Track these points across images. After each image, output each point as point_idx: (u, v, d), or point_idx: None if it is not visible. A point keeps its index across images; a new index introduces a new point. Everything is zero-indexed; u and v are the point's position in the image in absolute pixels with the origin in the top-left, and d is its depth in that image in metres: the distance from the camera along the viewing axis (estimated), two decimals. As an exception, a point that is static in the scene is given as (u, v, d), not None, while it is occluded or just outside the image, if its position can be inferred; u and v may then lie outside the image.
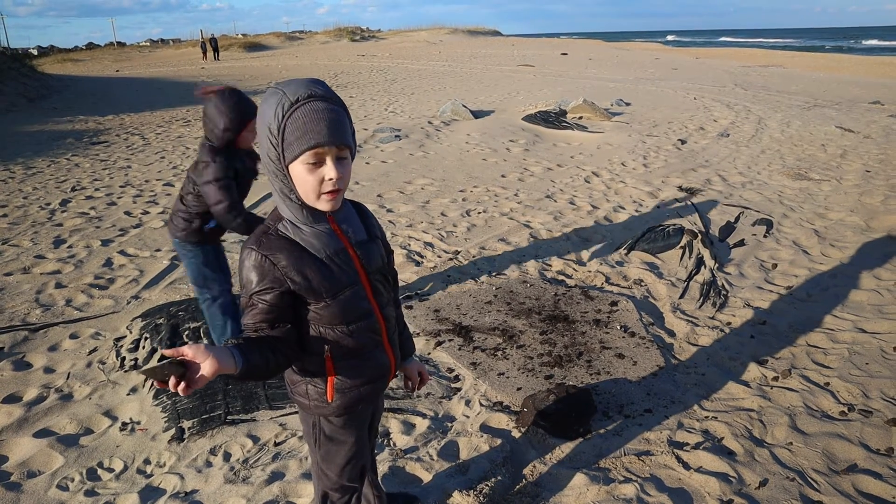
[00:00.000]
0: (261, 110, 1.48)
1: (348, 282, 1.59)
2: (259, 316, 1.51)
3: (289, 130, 1.43)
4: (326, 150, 1.45)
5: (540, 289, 4.40)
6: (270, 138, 1.45)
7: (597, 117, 11.63)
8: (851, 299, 4.22)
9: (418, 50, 42.59)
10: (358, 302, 1.62)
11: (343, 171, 1.49)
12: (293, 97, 1.43)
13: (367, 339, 1.66)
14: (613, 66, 27.44)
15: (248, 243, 1.53)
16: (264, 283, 1.50)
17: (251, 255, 1.50)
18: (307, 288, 1.53)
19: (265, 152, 1.49)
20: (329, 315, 1.58)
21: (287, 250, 1.51)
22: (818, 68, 26.12)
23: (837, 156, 8.58)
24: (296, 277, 1.51)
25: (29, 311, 4.19)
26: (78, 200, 6.90)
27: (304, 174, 1.46)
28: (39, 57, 45.16)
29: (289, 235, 1.54)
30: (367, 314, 1.64)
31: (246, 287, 1.52)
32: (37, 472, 2.70)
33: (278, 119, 1.43)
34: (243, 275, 1.53)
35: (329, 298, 1.56)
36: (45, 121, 13.06)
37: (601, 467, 2.64)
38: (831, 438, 2.75)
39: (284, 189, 1.51)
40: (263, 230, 1.55)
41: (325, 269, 1.55)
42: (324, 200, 1.50)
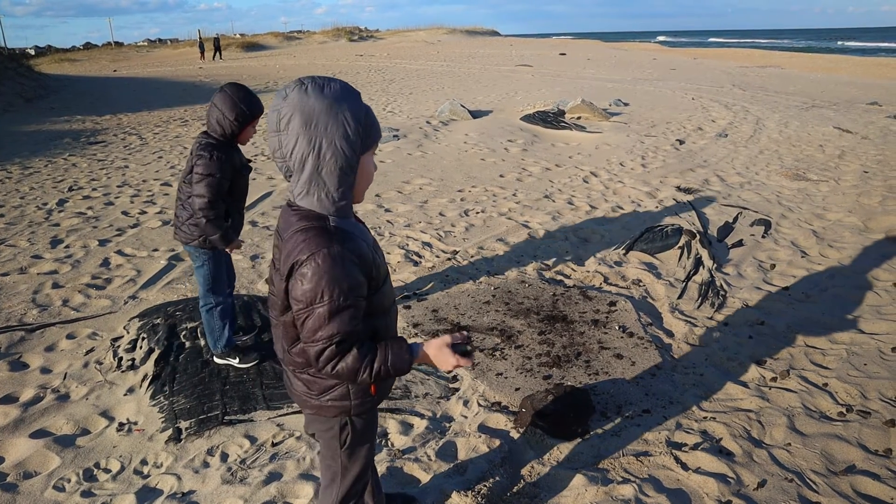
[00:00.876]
0: (325, 103, 1.41)
1: (386, 270, 1.65)
2: (355, 319, 1.47)
3: (369, 122, 1.48)
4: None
5: (538, 289, 4.40)
6: (359, 128, 1.44)
7: (595, 117, 11.63)
8: (849, 300, 4.22)
9: (416, 50, 42.58)
10: (392, 289, 1.69)
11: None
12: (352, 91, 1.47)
13: (395, 324, 1.72)
14: (611, 66, 27.46)
15: (321, 244, 1.41)
16: (357, 278, 1.45)
17: (335, 253, 1.41)
18: (374, 277, 1.53)
19: (342, 144, 1.42)
20: (378, 304, 1.59)
21: (355, 242, 1.48)
22: (816, 69, 26.16)
23: (835, 156, 8.59)
24: (368, 267, 1.50)
25: (26, 312, 4.17)
26: (75, 200, 6.88)
27: (369, 164, 1.53)
28: (37, 57, 45.05)
29: (346, 229, 1.49)
30: (394, 302, 1.72)
31: (330, 290, 1.41)
32: (33, 472, 2.69)
33: (364, 110, 1.46)
34: (323, 280, 1.40)
35: (380, 286, 1.59)
36: (42, 121, 13.03)
37: (599, 468, 2.63)
38: (830, 439, 2.75)
39: (351, 181, 1.49)
40: (322, 229, 1.45)
41: (378, 258, 1.58)
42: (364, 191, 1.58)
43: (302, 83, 1.43)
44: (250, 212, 6.31)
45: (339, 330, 1.45)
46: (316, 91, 1.41)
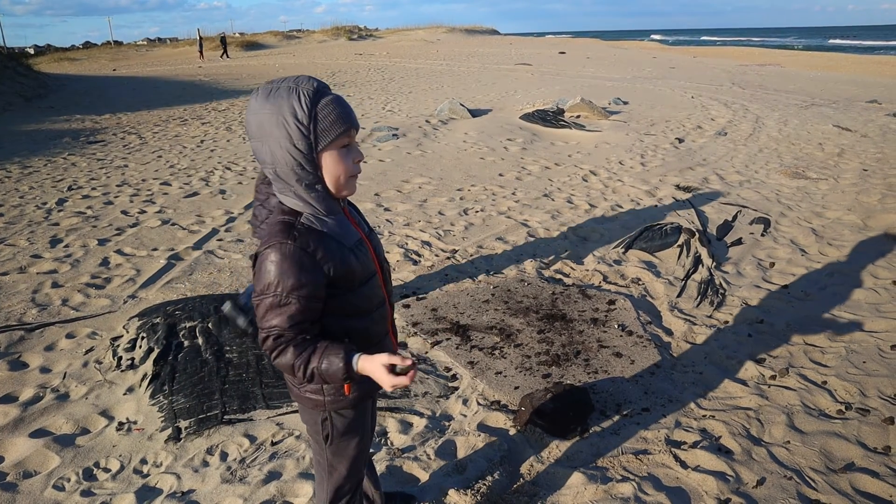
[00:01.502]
0: (267, 109, 1.45)
1: (371, 271, 1.63)
2: (296, 316, 1.48)
3: (321, 116, 1.46)
4: (353, 133, 1.52)
5: (537, 287, 4.40)
6: (299, 127, 1.44)
7: (594, 116, 11.62)
8: (849, 298, 4.22)
9: (416, 49, 42.56)
10: (376, 290, 1.66)
11: (362, 155, 1.57)
12: (310, 88, 1.46)
13: (381, 328, 1.71)
14: (611, 64, 27.45)
15: (277, 239, 1.47)
16: (304, 276, 1.46)
17: (286, 249, 1.45)
18: (342, 277, 1.53)
19: (286, 145, 1.46)
20: (353, 305, 1.60)
21: (321, 241, 1.50)
22: (815, 67, 26.16)
23: (835, 155, 8.59)
24: (331, 266, 1.50)
25: (25, 311, 4.17)
26: (74, 200, 6.88)
27: (337, 158, 1.50)
28: (36, 56, 45.04)
29: (317, 227, 1.52)
30: (382, 302, 1.69)
31: (276, 284, 1.46)
32: (33, 472, 2.69)
33: (306, 108, 1.44)
34: (271, 272, 1.46)
35: (355, 287, 1.58)
36: (41, 120, 13.03)
37: (599, 466, 2.63)
38: (829, 437, 2.75)
39: (310, 180, 1.50)
40: (288, 224, 1.50)
41: (352, 257, 1.56)
42: (350, 185, 1.55)
43: (255, 91, 1.50)
44: (249, 211, 6.31)
45: (277, 324, 1.48)
46: (262, 98, 1.47)
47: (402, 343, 3.71)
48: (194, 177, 7.81)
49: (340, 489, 1.89)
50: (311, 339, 1.53)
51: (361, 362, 1.50)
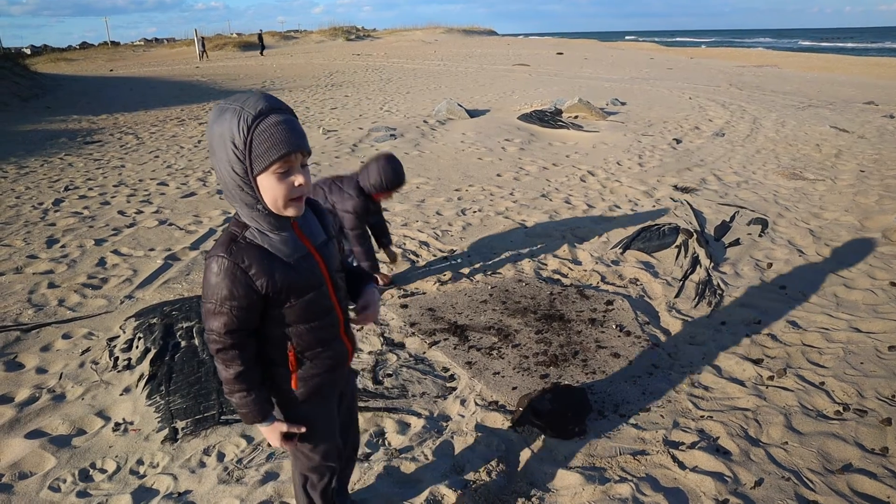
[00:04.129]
0: (216, 128, 1.50)
1: (315, 284, 1.68)
2: (231, 323, 1.59)
3: (256, 143, 1.47)
4: (294, 158, 1.52)
5: (535, 288, 4.39)
6: (235, 153, 1.48)
7: (592, 116, 11.63)
8: (846, 299, 4.22)
9: (414, 49, 42.55)
10: (321, 301, 1.71)
11: (308, 177, 1.58)
12: (254, 111, 1.47)
13: (328, 334, 1.76)
14: (609, 65, 27.48)
15: (217, 252, 1.57)
16: (236, 290, 1.56)
17: (221, 263, 1.55)
18: (276, 291, 1.60)
19: (227, 166, 1.51)
20: (294, 315, 1.67)
21: (257, 257, 1.57)
22: (812, 69, 26.22)
23: (832, 156, 8.60)
24: (266, 282, 1.58)
25: (21, 311, 4.16)
26: (71, 200, 6.86)
27: (273, 183, 1.52)
28: (33, 56, 44.98)
29: (257, 242, 1.59)
30: (329, 311, 1.75)
31: (216, 294, 1.57)
32: (28, 473, 2.67)
33: (243, 133, 1.46)
34: (211, 282, 1.57)
35: (295, 300, 1.65)
36: (38, 120, 12.99)
37: (596, 467, 2.63)
38: (826, 438, 2.75)
39: (249, 201, 1.55)
40: (231, 238, 1.59)
41: (293, 272, 1.62)
42: (292, 207, 1.57)
43: (214, 106, 1.54)
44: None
45: (214, 328, 1.60)
46: (213, 117, 1.52)
47: (399, 344, 3.70)
48: (191, 177, 7.79)
49: (308, 478, 2.00)
50: (250, 363, 1.66)
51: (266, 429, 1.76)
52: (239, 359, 1.64)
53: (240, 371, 1.65)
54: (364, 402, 3.10)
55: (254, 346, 1.68)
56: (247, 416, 1.71)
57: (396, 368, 3.41)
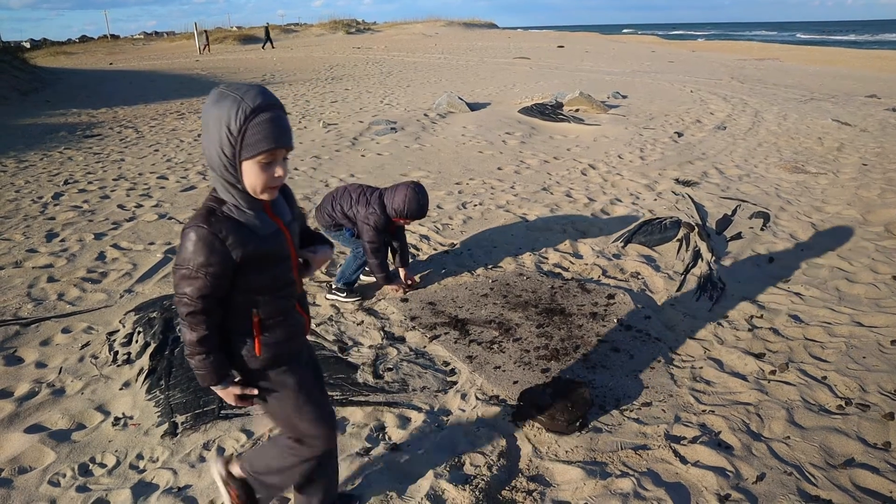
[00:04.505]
0: (213, 111, 1.64)
1: (282, 256, 1.85)
2: (205, 288, 1.72)
3: (249, 133, 1.63)
4: (279, 153, 1.69)
5: (536, 282, 4.38)
6: (228, 137, 1.63)
7: (593, 110, 11.59)
8: (848, 293, 4.21)
9: (414, 42, 42.42)
10: (286, 273, 1.88)
11: (286, 171, 1.74)
12: (253, 103, 1.62)
13: (288, 304, 1.93)
14: (610, 58, 27.39)
15: (196, 221, 1.71)
16: (213, 257, 1.70)
17: (201, 232, 1.69)
18: (248, 261, 1.75)
19: (217, 147, 1.65)
20: (262, 283, 1.82)
21: (233, 228, 1.72)
22: (814, 62, 26.12)
23: (834, 149, 8.57)
24: (240, 252, 1.72)
25: (21, 306, 4.14)
26: (71, 194, 6.84)
27: (256, 171, 1.68)
28: (32, 50, 44.88)
29: (234, 216, 1.74)
30: (291, 283, 1.91)
31: (190, 260, 1.70)
32: (28, 467, 2.67)
33: (239, 122, 1.62)
34: (188, 249, 1.70)
35: (264, 269, 1.81)
36: (37, 114, 12.96)
37: (598, 461, 2.62)
38: (829, 433, 2.74)
39: (231, 180, 1.70)
40: (210, 210, 1.73)
41: (265, 244, 1.78)
42: (268, 193, 1.74)
43: (214, 90, 1.68)
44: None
45: (188, 292, 1.73)
46: (213, 100, 1.66)
47: (400, 338, 3.69)
48: (191, 171, 7.77)
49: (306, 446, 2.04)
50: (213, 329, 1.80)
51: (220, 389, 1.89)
52: (205, 323, 1.77)
53: (204, 335, 1.78)
54: (364, 396, 3.09)
55: (220, 315, 1.81)
56: (204, 377, 1.84)
57: (397, 362, 3.39)
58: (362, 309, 4.05)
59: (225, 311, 1.83)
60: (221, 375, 1.86)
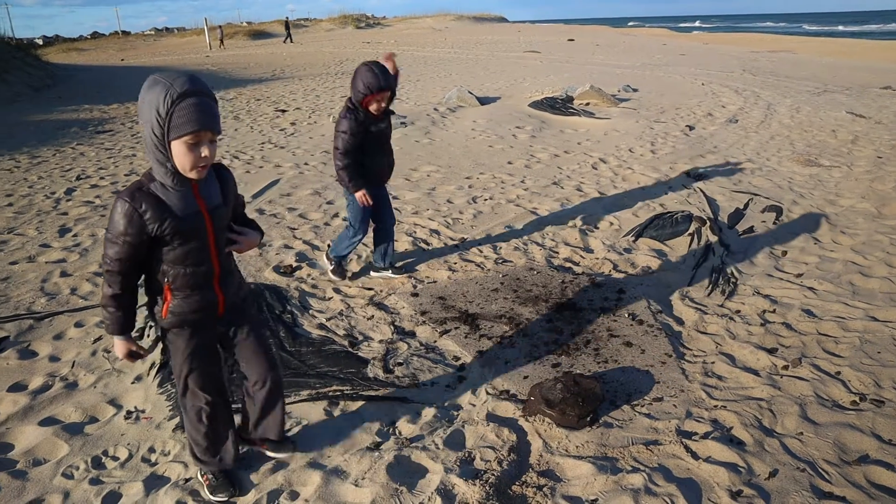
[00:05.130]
0: (147, 95, 1.85)
1: (196, 236, 2.04)
2: (121, 253, 1.97)
3: (176, 115, 1.83)
4: (203, 134, 1.88)
5: (547, 276, 4.36)
6: (158, 118, 1.84)
7: (604, 103, 11.53)
8: (862, 287, 4.16)
9: (424, 37, 42.34)
10: (200, 252, 2.07)
11: (213, 151, 1.94)
12: (181, 89, 1.82)
13: (201, 280, 2.12)
14: (620, 52, 27.21)
15: (123, 195, 1.93)
16: (130, 228, 1.93)
17: (124, 205, 1.91)
18: (161, 235, 1.97)
19: (149, 128, 1.86)
20: (174, 257, 2.04)
21: (153, 205, 1.93)
22: (828, 53, 25.83)
23: (848, 142, 8.48)
24: (155, 227, 1.94)
25: (34, 300, 4.18)
26: (83, 189, 6.89)
27: (183, 151, 1.88)
28: (45, 46, 45.19)
29: (157, 194, 1.95)
30: (205, 261, 2.10)
31: (114, 228, 1.94)
32: (42, 459, 2.69)
33: (167, 105, 1.82)
34: (114, 218, 1.94)
35: (178, 245, 2.02)
36: (49, 110, 13.05)
37: (608, 457, 2.61)
38: (842, 428, 2.71)
39: (161, 158, 1.92)
40: (137, 186, 1.96)
41: (180, 223, 1.98)
42: (195, 172, 1.94)
43: (149, 77, 1.89)
44: (256, 200, 6.30)
45: (108, 255, 1.99)
46: (147, 86, 1.86)
47: (410, 332, 3.69)
48: (202, 166, 7.79)
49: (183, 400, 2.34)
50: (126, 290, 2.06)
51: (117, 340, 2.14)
52: (119, 283, 2.02)
53: (116, 293, 2.04)
54: (375, 390, 3.10)
55: (136, 278, 2.07)
56: (108, 327, 2.10)
57: (407, 357, 3.40)
58: (372, 303, 4.06)
59: (146, 273, 2.09)
60: (122, 329, 2.11)
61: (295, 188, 6.71)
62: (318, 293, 4.23)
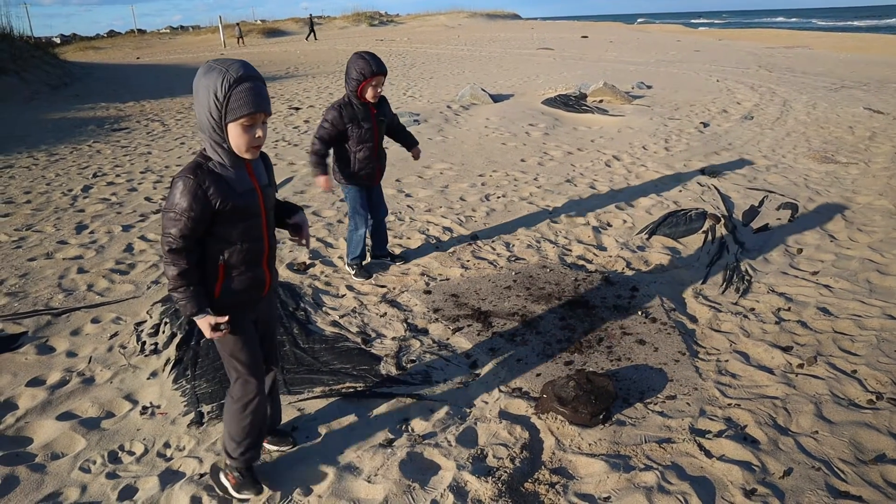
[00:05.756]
0: (203, 80, 1.93)
1: (253, 213, 2.13)
2: (185, 229, 2.00)
3: (233, 99, 1.92)
4: (258, 116, 1.98)
5: (560, 274, 4.36)
6: (216, 102, 1.93)
7: (617, 100, 11.46)
8: (879, 285, 4.12)
9: (437, 34, 42.31)
10: (255, 229, 2.15)
11: (265, 133, 2.04)
12: (236, 74, 1.92)
13: (253, 258, 2.18)
14: (634, 48, 27.03)
15: (185, 173, 1.99)
16: (195, 204, 1.98)
17: (187, 181, 1.97)
18: (223, 211, 2.03)
19: (206, 111, 1.95)
20: (232, 233, 2.10)
21: (215, 181, 2.01)
22: (845, 49, 25.49)
23: (866, 138, 8.37)
24: (218, 201, 2.01)
25: (52, 296, 4.23)
26: (99, 186, 6.96)
27: (239, 132, 1.98)
28: (62, 45, 45.64)
29: (217, 171, 2.04)
30: (258, 239, 2.18)
31: (178, 206, 1.98)
32: (60, 454, 2.73)
33: (224, 89, 1.91)
34: (175, 196, 1.98)
35: (236, 222, 2.09)
36: (67, 108, 13.19)
37: (621, 455, 2.60)
38: (858, 427, 2.69)
39: (218, 140, 2.00)
40: (197, 164, 2.02)
41: (240, 199, 2.07)
42: (250, 153, 2.04)
43: (204, 64, 1.98)
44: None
45: (171, 233, 2.01)
46: (202, 71, 1.95)
47: (423, 330, 3.69)
48: (216, 163, 7.84)
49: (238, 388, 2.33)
50: (193, 265, 2.06)
51: (200, 319, 2.11)
52: (185, 259, 2.03)
53: (185, 269, 2.03)
54: (388, 388, 3.11)
55: (198, 253, 2.08)
56: (185, 307, 2.08)
57: (420, 354, 3.41)
58: (385, 301, 4.07)
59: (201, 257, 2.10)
60: (201, 306, 2.09)
61: (308, 186, 6.74)
62: (331, 290, 4.25)
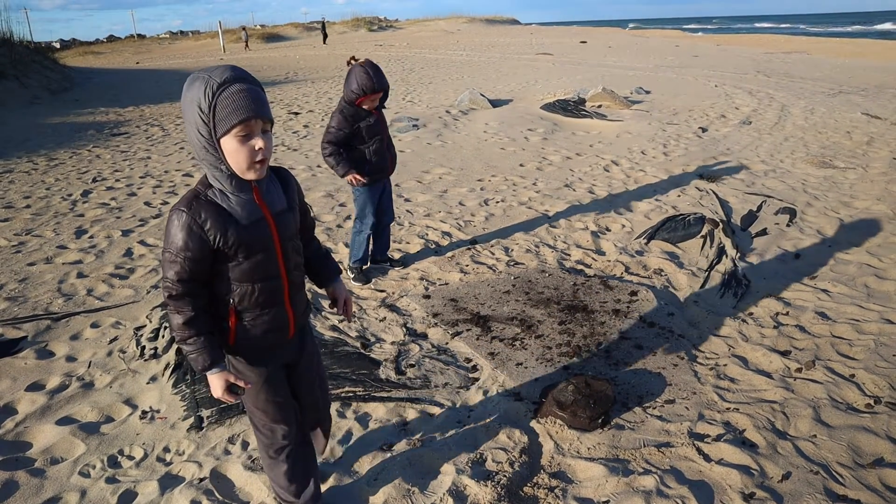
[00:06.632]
0: (187, 95, 1.66)
1: (263, 247, 1.81)
2: (183, 273, 1.73)
3: (220, 108, 1.62)
4: (254, 124, 1.66)
5: (559, 278, 4.36)
6: (201, 116, 1.64)
7: (616, 105, 11.50)
8: (877, 289, 4.13)
9: (436, 39, 42.41)
10: (268, 265, 1.83)
11: (268, 143, 1.71)
12: (220, 79, 1.63)
13: (270, 298, 1.87)
14: (633, 53, 27.10)
15: (179, 206, 1.71)
16: (191, 242, 1.70)
17: (181, 217, 1.70)
18: (227, 247, 1.74)
19: (195, 129, 1.66)
20: (240, 272, 1.80)
21: (213, 214, 1.71)
22: (843, 54, 25.58)
23: (863, 143, 8.40)
24: (218, 238, 1.72)
25: (51, 301, 4.24)
26: (99, 191, 6.97)
27: (235, 147, 1.66)
28: (62, 50, 45.70)
29: (216, 201, 1.74)
30: (275, 276, 1.86)
31: (173, 245, 1.71)
32: (59, 458, 2.73)
33: (208, 99, 1.62)
34: (171, 233, 1.71)
35: (243, 258, 1.78)
36: (66, 113, 13.21)
37: (620, 459, 2.61)
38: (857, 431, 2.69)
39: (214, 161, 1.70)
40: (194, 195, 1.74)
41: (244, 233, 1.75)
42: (253, 170, 1.71)
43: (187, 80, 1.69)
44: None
45: (168, 277, 1.75)
46: (186, 86, 1.67)
47: (422, 334, 3.70)
48: (216, 168, 7.85)
49: (261, 441, 2.12)
50: (200, 311, 1.79)
51: (213, 375, 1.82)
52: (189, 306, 1.77)
53: (190, 317, 1.77)
54: (387, 392, 3.11)
55: (205, 297, 1.81)
56: (196, 360, 1.80)
57: (419, 359, 3.41)
58: (385, 305, 4.08)
59: (211, 298, 1.84)
60: (214, 359, 1.81)
61: (308, 190, 6.75)
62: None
